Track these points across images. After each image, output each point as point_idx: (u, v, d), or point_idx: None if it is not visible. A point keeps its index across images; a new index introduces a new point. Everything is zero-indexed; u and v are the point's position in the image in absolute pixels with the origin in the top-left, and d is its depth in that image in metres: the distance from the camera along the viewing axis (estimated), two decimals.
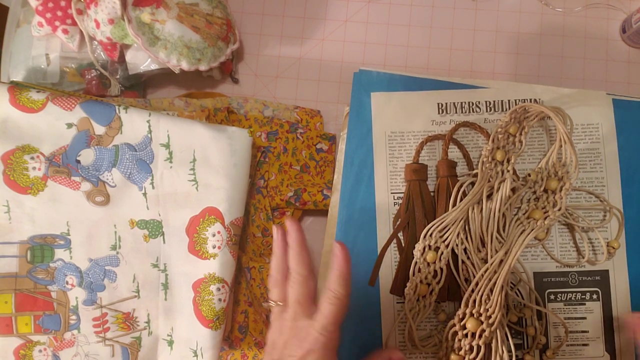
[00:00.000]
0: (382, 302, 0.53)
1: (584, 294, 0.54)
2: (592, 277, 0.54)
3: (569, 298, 0.54)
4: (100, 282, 0.53)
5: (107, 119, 0.53)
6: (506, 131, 0.54)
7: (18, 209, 0.53)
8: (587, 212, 0.55)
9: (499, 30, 0.69)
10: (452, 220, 0.51)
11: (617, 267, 0.54)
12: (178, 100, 0.63)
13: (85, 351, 0.54)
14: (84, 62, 0.63)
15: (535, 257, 0.55)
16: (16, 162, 0.52)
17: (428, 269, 0.52)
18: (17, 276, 0.53)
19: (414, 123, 0.56)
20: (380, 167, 0.55)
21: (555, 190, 0.52)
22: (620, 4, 0.68)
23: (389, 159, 0.55)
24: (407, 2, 0.70)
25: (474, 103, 0.56)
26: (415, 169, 0.54)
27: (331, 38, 0.69)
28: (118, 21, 0.58)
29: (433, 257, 0.52)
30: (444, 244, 0.52)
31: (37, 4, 0.59)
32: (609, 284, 0.54)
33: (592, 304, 0.54)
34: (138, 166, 0.53)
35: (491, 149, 0.54)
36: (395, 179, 0.55)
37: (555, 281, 0.54)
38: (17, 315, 0.53)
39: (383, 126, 0.55)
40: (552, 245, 0.55)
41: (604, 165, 0.55)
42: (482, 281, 0.49)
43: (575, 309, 0.54)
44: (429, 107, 0.56)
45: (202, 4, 0.62)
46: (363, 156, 0.55)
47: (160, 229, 0.54)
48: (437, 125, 0.56)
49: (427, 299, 0.52)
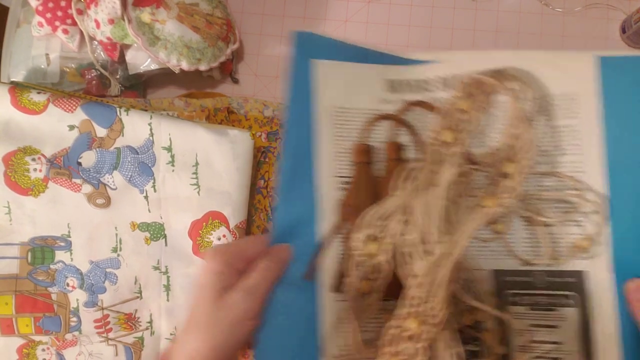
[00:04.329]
0: (322, 302, 0.45)
1: (554, 298, 0.45)
2: (564, 278, 0.45)
3: (534, 302, 0.45)
4: (101, 284, 0.53)
5: (108, 121, 0.53)
6: (457, 108, 0.46)
7: (19, 210, 0.53)
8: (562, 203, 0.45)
9: (499, 31, 0.69)
10: (393, 207, 0.44)
11: (598, 269, 0.44)
12: (178, 100, 0.63)
13: (88, 350, 0.54)
14: (84, 62, 0.63)
15: (495, 253, 0.46)
16: (17, 163, 0.52)
17: (370, 262, 0.45)
18: (18, 278, 0.53)
19: (362, 99, 0.47)
20: (324, 148, 0.46)
21: (513, 175, 0.44)
22: (620, 4, 0.68)
23: (333, 138, 0.46)
24: (407, 2, 0.69)
25: (425, 80, 0.47)
26: (363, 150, 0.46)
27: None
28: (118, 21, 0.58)
29: (375, 249, 0.44)
30: (386, 234, 0.44)
31: (37, 4, 0.59)
32: (587, 288, 0.45)
33: (565, 311, 0.45)
34: (140, 169, 0.53)
35: (438, 127, 0.45)
36: (341, 160, 0.46)
37: (519, 281, 0.45)
38: (18, 317, 0.53)
39: (327, 101, 0.46)
40: (515, 240, 0.45)
41: (582, 145, 0.45)
42: (425, 276, 0.42)
43: (543, 315, 0.45)
44: (378, 84, 0.47)
45: (202, 4, 0.62)
46: (302, 134, 0.46)
47: (162, 232, 0.54)
48: (386, 104, 0.47)
49: (370, 296, 0.45)
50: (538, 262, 0.45)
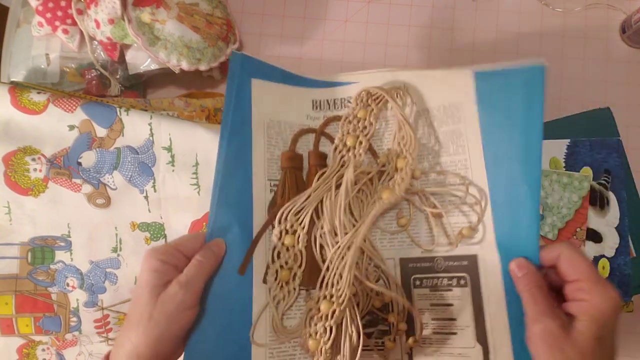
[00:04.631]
0: (255, 293, 0.50)
1: (451, 280, 0.51)
2: (458, 262, 0.51)
3: (434, 284, 0.51)
4: (101, 284, 0.53)
5: (108, 121, 0.53)
6: (355, 116, 0.54)
7: (19, 210, 0.53)
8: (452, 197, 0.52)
9: (499, 31, 0.69)
10: (305, 203, 0.51)
11: (486, 252, 0.50)
12: (178, 100, 0.63)
13: (89, 350, 0.54)
14: (84, 62, 0.63)
15: (402, 243, 0.52)
16: (17, 163, 0.52)
17: (288, 254, 0.51)
18: (18, 277, 0.53)
19: (291, 115, 0.55)
20: (258, 154, 0.52)
21: (402, 169, 0.51)
22: (620, 4, 0.68)
23: (266, 146, 0.53)
24: (407, 2, 0.69)
25: (345, 99, 0.55)
26: (290, 157, 0.53)
27: (331, 38, 0.69)
28: (118, 21, 0.58)
29: (291, 241, 0.50)
30: (300, 227, 0.51)
31: (37, 4, 0.59)
32: (477, 269, 0.50)
33: (459, 290, 0.51)
34: (140, 169, 0.53)
35: (341, 135, 0.53)
36: (272, 166, 0.53)
37: (421, 267, 0.52)
38: (18, 317, 0.53)
39: (262, 114, 0.53)
40: (418, 232, 0.52)
41: (466, 146, 0.52)
42: (334, 263, 0.49)
43: (442, 295, 0.51)
44: (304, 103, 0.55)
45: (202, 4, 0.62)
46: (241, 141, 0.52)
47: (162, 232, 0.54)
48: (311, 120, 0.55)
49: (290, 284, 0.51)
50: (437, 249, 0.52)
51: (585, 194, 0.58)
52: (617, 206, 0.59)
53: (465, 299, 0.51)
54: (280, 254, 0.50)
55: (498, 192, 0.50)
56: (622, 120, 0.63)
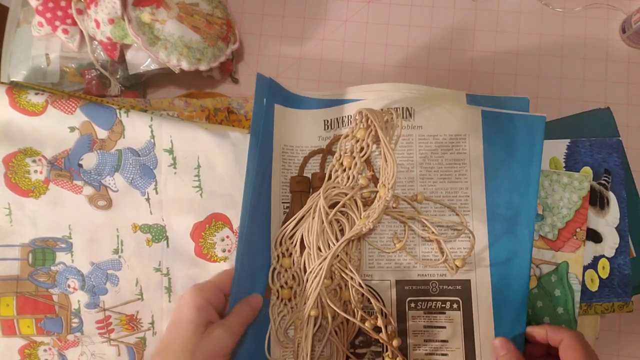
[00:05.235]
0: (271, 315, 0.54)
1: (444, 303, 0.54)
2: (453, 286, 0.54)
3: (429, 306, 0.54)
4: (102, 285, 0.53)
5: (108, 123, 0.53)
6: (354, 136, 0.55)
7: (19, 211, 0.53)
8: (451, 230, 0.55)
9: (499, 31, 0.69)
10: (297, 227, 0.53)
11: (479, 278, 0.54)
12: (178, 100, 0.62)
13: (91, 350, 0.54)
14: (84, 62, 0.63)
15: (398, 266, 0.54)
16: (18, 165, 0.52)
17: (287, 274, 0.54)
18: (19, 279, 0.53)
19: (303, 139, 0.57)
20: (276, 177, 0.55)
21: (380, 198, 0.51)
22: (620, 4, 0.68)
23: (281, 170, 0.56)
24: (407, 2, 0.69)
25: (352, 116, 0.56)
26: (298, 181, 0.55)
27: (331, 38, 0.69)
28: (118, 21, 0.58)
29: (288, 263, 0.53)
30: (294, 249, 0.54)
31: (37, 4, 0.59)
32: (470, 294, 0.54)
33: (452, 313, 0.54)
34: (141, 171, 0.53)
35: (339, 155, 0.55)
36: (285, 189, 0.56)
37: (417, 289, 0.54)
38: (19, 318, 0.53)
39: (280, 138, 0.56)
40: (416, 254, 0.55)
41: (468, 176, 0.55)
42: (309, 282, 0.52)
43: (436, 317, 0.54)
44: (316, 125, 0.57)
45: (202, 4, 0.62)
46: (266, 164, 0.54)
47: (164, 234, 0.54)
48: (322, 141, 0.57)
49: (292, 301, 0.54)
50: (432, 273, 0.55)
51: (585, 194, 0.58)
52: (617, 206, 0.59)
53: (457, 322, 0.54)
54: (280, 275, 0.54)
55: (496, 222, 0.55)
56: (622, 120, 0.63)
